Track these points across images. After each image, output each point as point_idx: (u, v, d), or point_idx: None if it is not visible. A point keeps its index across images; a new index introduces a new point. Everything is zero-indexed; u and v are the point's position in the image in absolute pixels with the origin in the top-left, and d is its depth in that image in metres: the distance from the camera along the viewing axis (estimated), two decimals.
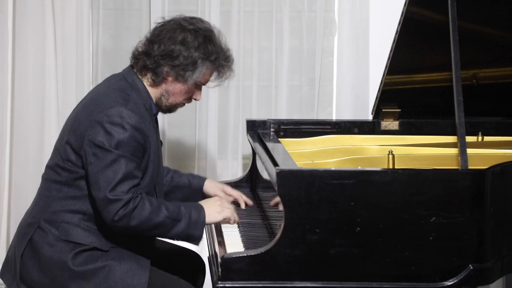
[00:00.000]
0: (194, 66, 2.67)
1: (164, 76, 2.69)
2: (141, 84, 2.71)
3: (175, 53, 2.66)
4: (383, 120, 3.35)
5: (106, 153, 2.53)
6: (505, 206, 2.59)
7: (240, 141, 3.95)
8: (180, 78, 2.69)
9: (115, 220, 2.53)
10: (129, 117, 2.57)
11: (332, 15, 3.97)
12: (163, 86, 2.72)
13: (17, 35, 3.82)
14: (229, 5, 3.91)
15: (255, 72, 3.95)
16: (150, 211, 2.56)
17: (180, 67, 2.67)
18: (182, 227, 2.60)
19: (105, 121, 2.55)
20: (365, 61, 3.91)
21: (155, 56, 2.67)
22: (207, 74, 2.73)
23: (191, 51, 2.66)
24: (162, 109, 2.79)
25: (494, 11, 3.11)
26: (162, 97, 2.74)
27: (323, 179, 2.43)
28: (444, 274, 2.48)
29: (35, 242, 2.64)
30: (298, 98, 3.99)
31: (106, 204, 2.53)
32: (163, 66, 2.67)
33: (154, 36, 2.70)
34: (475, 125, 3.31)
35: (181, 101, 2.78)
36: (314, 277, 2.44)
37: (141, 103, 2.67)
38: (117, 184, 2.52)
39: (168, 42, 2.66)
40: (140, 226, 2.55)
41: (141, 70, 2.71)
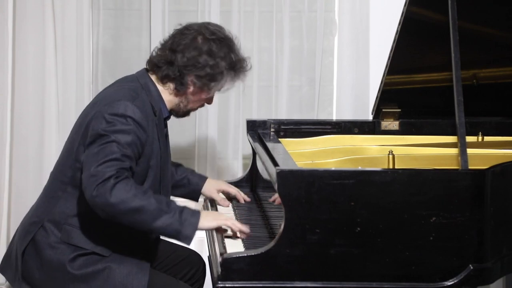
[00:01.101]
0: (220, 76, 2.67)
1: (188, 86, 2.68)
2: (154, 87, 2.69)
3: (202, 63, 2.64)
4: (383, 120, 3.35)
5: (101, 137, 2.51)
6: (505, 206, 2.59)
7: (240, 141, 3.95)
8: (205, 88, 2.69)
9: (93, 195, 2.43)
10: (134, 112, 2.56)
11: (332, 15, 3.97)
12: (184, 95, 2.71)
13: (17, 35, 3.82)
14: (229, 5, 3.92)
15: (255, 72, 3.95)
16: (133, 193, 2.45)
17: (207, 77, 2.66)
18: (169, 220, 2.47)
19: (109, 112, 2.55)
20: (365, 61, 3.91)
21: (179, 66, 2.65)
22: (227, 82, 2.72)
23: (218, 60, 2.65)
24: (177, 115, 2.79)
25: (494, 11, 3.11)
26: (181, 103, 2.74)
27: (323, 179, 2.43)
28: (444, 274, 2.48)
29: (37, 241, 2.64)
30: (298, 98, 3.99)
31: (87, 179, 2.45)
32: (188, 76, 2.66)
33: (176, 45, 2.66)
34: (475, 125, 3.31)
35: (198, 106, 2.79)
36: (314, 277, 2.44)
37: (150, 104, 2.66)
38: (103, 163, 2.46)
39: (194, 52, 2.64)
40: (120, 206, 2.43)
41: (163, 79, 2.69)
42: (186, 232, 2.50)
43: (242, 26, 3.92)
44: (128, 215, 2.45)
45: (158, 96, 2.70)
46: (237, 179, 3.35)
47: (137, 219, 2.46)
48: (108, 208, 2.44)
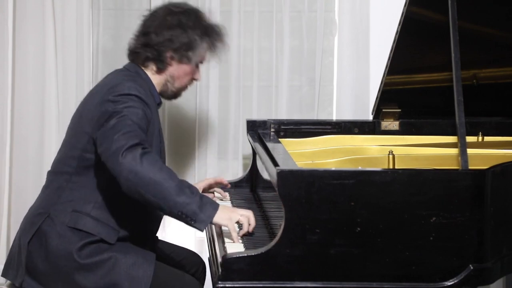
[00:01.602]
0: (195, 44, 2.76)
1: (168, 61, 2.77)
2: (144, 74, 2.79)
3: (174, 36, 2.74)
4: (383, 120, 3.35)
5: (114, 114, 2.55)
6: (505, 206, 2.59)
7: (241, 141, 3.95)
8: (184, 60, 2.78)
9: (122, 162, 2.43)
10: (137, 90, 2.63)
11: (332, 15, 3.97)
12: (168, 72, 2.80)
13: (17, 35, 3.82)
14: (229, 5, 3.91)
15: (255, 72, 3.95)
16: (160, 165, 2.46)
17: (183, 48, 2.76)
18: (189, 200, 2.46)
19: (113, 94, 2.61)
20: (365, 61, 3.91)
21: (155, 45, 2.75)
22: (205, 52, 2.81)
23: (189, 31, 2.76)
24: (168, 96, 2.86)
25: (494, 11, 3.11)
26: (168, 83, 2.81)
27: (323, 179, 2.43)
28: (444, 274, 2.48)
29: (43, 231, 2.65)
30: (298, 98, 3.99)
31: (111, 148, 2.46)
32: (165, 52, 2.76)
33: (147, 28, 2.78)
34: (475, 125, 3.31)
35: (185, 83, 2.85)
36: (314, 277, 2.44)
37: (146, 87, 2.74)
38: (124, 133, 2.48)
39: (165, 29, 2.75)
40: (146, 174, 2.42)
41: (144, 62, 2.78)
42: (203, 216, 2.49)
43: (242, 26, 3.92)
44: (151, 186, 2.44)
45: (149, 81, 2.78)
46: (237, 179, 3.36)
47: (158, 191, 2.45)
48: (133, 175, 2.44)
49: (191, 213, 2.47)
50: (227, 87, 3.94)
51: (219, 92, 3.93)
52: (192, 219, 2.48)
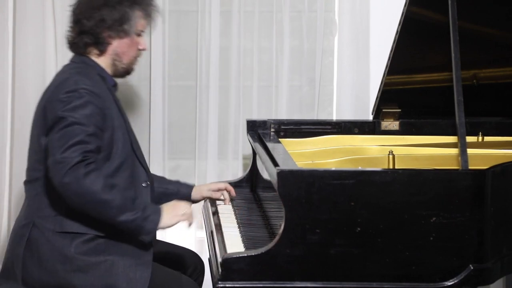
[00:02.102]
0: (127, 16, 2.76)
1: (107, 41, 2.77)
2: (91, 61, 2.79)
3: (105, 15, 2.74)
4: (384, 120, 3.35)
5: (60, 121, 2.57)
6: (505, 206, 2.59)
7: (241, 141, 3.95)
8: (122, 34, 2.78)
9: (64, 182, 2.50)
10: (84, 82, 2.64)
11: (332, 15, 3.97)
12: (110, 51, 2.79)
13: (17, 35, 3.82)
14: (229, 5, 3.91)
15: (255, 72, 3.95)
16: (103, 184, 2.53)
17: (117, 24, 2.76)
18: (132, 217, 2.56)
19: (61, 91, 2.63)
20: (365, 61, 3.90)
21: (89, 30, 2.75)
22: (139, 19, 2.80)
23: (117, 6, 2.75)
24: (121, 74, 2.85)
25: (494, 11, 3.11)
26: (115, 61, 2.81)
27: (323, 179, 2.43)
28: (444, 274, 2.48)
29: (33, 240, 2.65)
30: (299, 98, 3.98)
31: (55, 166, 2.52)
32: (101, 33, 2.76)
33: (77, 15, 2.78)
34: (475, 125, 3.31)
35: (133, 56, 2.83)
36: (314, 277, 2.44)
37: (95, 74, 2.74)
38: (68, 147, 2.53)
39: (93, 11, 2.75)
40: (89, 196, 2.51)
41: (85, 49, 2.79)
42: (148, 227, 2.59)
43: (242, 26, 3.92)
44: (95, 206, 2.54)
45: (97, 65, 2.79)
46: (237, 179, 3.36)
47: (102, 211, 2.55)
48: (77, 197, 2.53)
49: (136, 227, 2.59)
50: (227, 87, 3.94)
51: (219, 92, 3.92)
52: (138, 232, 2.60)
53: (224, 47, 3.93)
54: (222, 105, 3.94)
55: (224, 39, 3.92)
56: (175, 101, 4.00)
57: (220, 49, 3.91)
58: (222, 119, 3.95)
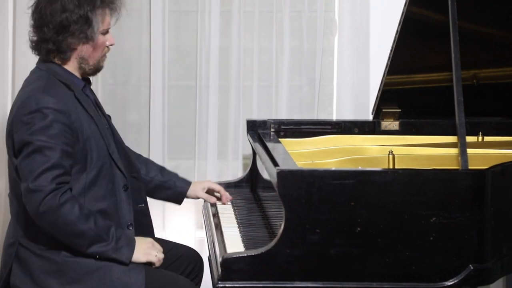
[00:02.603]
0: (89, 21, 2.62)
1: (71, 48, 2.64)
2: (56, 66, 2.67)
3: (65, 22, 2.60)
4: (384, 120, 3.35)
5: (27, 146, 2.50)
6: (505, 206, 2.59)
7: (241, 141, 3.95)
8: (85, 40, 2.65)
9: (40, 211, 2.45)
10: (46, 101, 2.53)
11: (332, 15, 3.97)
12: (75, 56, 2.67)
13: (17, 35, 3.82)
14: (229, 5, 3.92)
15: (255, 72, 3.95)
16: (78, 214, 2.49)
17: (78, 31, 2.62)
18: (104, 248, 2.54)
19: (24, 112, 2.53)
20: (365, 61, 3.91)
21: (51, 38, 2.62)
22: (104, 18, 2.67)
23: (76, 11, 2.61)
24: (91, 73, 2.74)
25: (494, 11, 3.11)
26: (82, 65, 2.69)
27: (323, 179, 2.43)
28: (444, 274, 2.48)
29: (21, 259, 2.61)
30: (299, 98, 3.99)
31: (29, 194, 2.46)
32: (64, 40, 2.62)
33: (37, 21, 2.64)
34: (475, 125, 3.31)
35: (99, 55, 2.72)
36: (314, 277, 2.44)
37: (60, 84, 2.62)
38: (39, 174, 2.47)
39: (53, 18, 2.61)
40: (64, 227, 2.48)
41: (48, 56, 2.67)
42: (119, 259, 2.57)
43: (242, 26, 3.92)
44: (69, 236, 2.52)
45: (64, 71, 2.67)
46: (237, 179, 3.35)
47: (75, 241, 2.53)
48: (51, 226, 2.50)
49: (108, 258, 2.56)
50: (227, 87, 3.94)
51: (219, 92, 3.93)
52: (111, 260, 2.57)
53: (224, 47, 3.93)
54: (222, 105, 3.95)
55: (224, 39, 3.93)
56: (175, 101, 4.00)
57: (220, 49, 3.91)
58: (222, 119, 3.95)
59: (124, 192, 2.70)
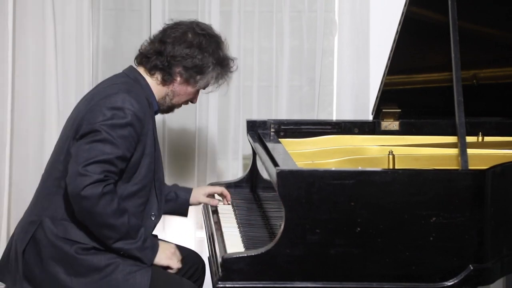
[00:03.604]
0: (207, 70, 2.74)
1: (175, 77, 2.74)
2: (144, 81, 2.75)
3: (190, 55, 2.71)
4: (384, 120, 3.35)
5: (95, 133, 2.55)
6: (505, 206, 2.59)
7: (241, 141, 3.95)
8: (191, 81, 2.75)
9: (81, 195, 2.49)
10: (131, 103, 2.60)
11: (332, 15, 3.97)
12: (171, 86, 2.77)
13: (17, 35, 3.82)
14: (229, 5, 3.92)
15: (255, 72, 3.95)
16: (115, 208, 2.55)
17: (194, 69, 2.73)
18: (131, 246, 2.60)
19: (107, 104, 2.59)
20: (365, 61, 3.91)
21: (168, 56, 2.71)
22: (211, 79, 2.79)
23: (205, 55, 2.73)
24: (163, 109, 2.84)
25: (494, 11, 3.11)
26: (167, 96, 2.79)
27: (323, 179, 2.43)
28: (444, 274, 2.48)
29: (37, 240, 2.65)
30: (299, 98, 3.99)
31: (76, 177, 2.51)
32: (176, 66, 2.73)
33: (166, 37, 2.74)
34: (475, 125, 3.31)
35: (182, 102, 2.84)
36: (314, 277, 2.44)
37: (144, 96, 2.70)
38: (93, 162, 2.52)
39: (183, 44, 2.71)
40: (99, 217, 2.52)
41: (151, 69, 2.75)
42: (145, 260, 2.63)
43: (242, 26, 3.92)
44: (100, 226, 2.56)
45: (149, 88, 2.75)
46: (237, 179, 3.36)
47: (104, 232, 2.57)
48: (87, 213, 2.54)
49: (131, 255, 2.62)
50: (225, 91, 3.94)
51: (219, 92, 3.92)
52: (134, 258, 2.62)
53: None
54: (222, 105, 3.95)
55: None
56: None
57: None
58: (222, 119, 3.95)
59: (151, 220, 2.77)
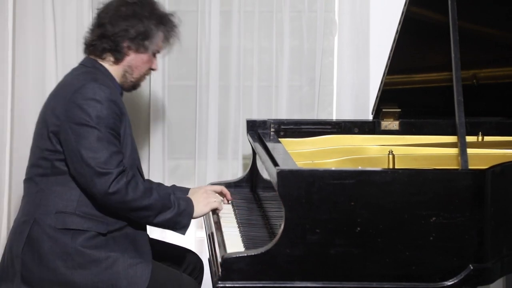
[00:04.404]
0: (151, 33, 2.78)
1: (125, 51, 2.78)
2: (102, 67, 2.79)
3: (130, 26, 2.75)
4: (383, 120, 3.35)
5: (89, 130, 2.60)
6: (505, 206, 2.59)
7: (240, 141, 3.95)
8: (141, 49, 2.78)
9: (109, 192, 2.58)
10: (101, 90, 2.64)
11: (332, 15, 3.97)
12: (125, 62, 2.80)
13: (17, 35, 3.82)
14: (229, 5, 3.91)
15: (255, 72, 3.95)
16: (143, 190, 2.63)
17: (139, 37, 2.76)
18: (170, 214, 2.67)
19: (80, 98, 2.63)
20: (365, 61, 3.91)
21: (111, 36, 2.75)
22: (161, 39, 2.83)
23: (144, 20, 2.76)
24: (128, 87, 2.86)
25: (494, 11, 3.11)
26: (126, 73, 2.82)
27: (323, 179, 2.43)
28: (444, 274, 2.48)
29: (33, 237, 2.65)
30: (298, 98, 3.99)
31: (97, 178, 2.58)
32: (122, 42, 2.76)
33: (102, 19, 2.78)
34: (475, 125, 3.31)
35: (144, 73, 2.85)
36: (314, 277, 2.44)
37: (107, 81, 2.75)
38: (106, 159, 2.59)
39: (120, 19, 2.75)
40: (133, 203, 2.61)
41: (101, 54, 2.79)
42: (183, 222, 2.71)
43: (242, 26, 3.92)
44: (136, 211, 2.65)
45: (108, 72, 2.79)
46: (237, 179, 3.36)
47: (142, 214, 2.66)
48: (121, 205, 2.62)
49: (173, 224, 2.70)
50: (227, 87, 3.94)
51: (219, 92, 3.93)
52: (174, 228, 2.70)
53: (224, 47, 3.93)
54: (222, 105, 3.95)
55: (224, 39, 3.93)
56: (175, 101, 4.00)
57: (220, 49, 3.91)
58: (222, 119, 3.95)
59: None
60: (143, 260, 2.65)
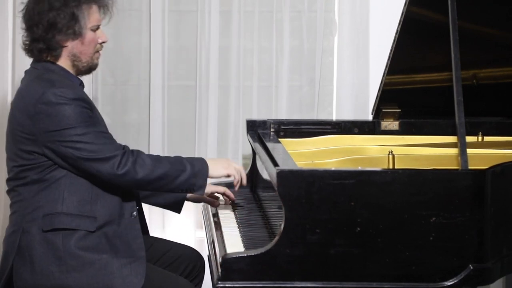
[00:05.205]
0: (75, 17, 2.68)
1: (61, 45, 2.70)
2: (51, 65, 2.72)
3: (52, 20, 2.66)
4: (383, 120, 3.35)
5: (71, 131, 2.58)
6: (505, 206, 2.59)
7: (240, 141, 3.95)
8: (74, 36, 2.70)
9: (119, 174, 2.59)
10: (62, 93, 2.60)
11: (332, 15, 3.97)
12: (67, 53, 2.71)
13: (17, 35, 3.82)
14: (229, 5, 3.92)
15: (255, 72, 3.95)
16: (151, 162, 2.64)
17: (67, 24, 2.67)
18: (186, 176, 2.67)
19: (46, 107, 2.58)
20: (365, 61, 3.91)
21: (40, 37, 2.68)
22: (91, 14, 2.72)
23: (62, 8, 2.67)
24: (85, 72, 2.79)
25: (494, 11, 3.11)
26: (75, 62, 2.74)
27: (323, 179, 2.43)
28: (444, 274, 2.48)
29: (24, 246, 2.62)
30: (298, 98, 3.99)
31: (104, 163, 2.58)
32: (53, 38, 2.68)
33: (27, 22, 2.71)
34: (475, 125, 3.31)
35: (92, 52, 2.76)
36: (314, 277, 2.44)
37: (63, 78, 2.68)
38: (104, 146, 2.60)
39: (41, 17, 2.67)
40: (146, 178, 2.62)
41: (40, 55, 2.71)
42: (199, 183, 2.71)
43: (242, 26, 3.92)
44: (153, 183, 2.66)
45: (60, 69, 2.72)
46: None
47: (159, 184, 2.67)
48: (135, 183, 2.64)
49: (189, 186, 2.70)
50: (227, 87, 3.94)
51: (219, 92, 3.93)
52: (191, 190, 2.72)
53: (224, 47, 3.93)
54: (222, 105, 3.95)
55: (224, 39, 3.93)
56: (175, 101, 4.00)
57: (220, 49, 3.91)
58: (222, 119, 3.95)
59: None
60: (136, 258, 2.62)
